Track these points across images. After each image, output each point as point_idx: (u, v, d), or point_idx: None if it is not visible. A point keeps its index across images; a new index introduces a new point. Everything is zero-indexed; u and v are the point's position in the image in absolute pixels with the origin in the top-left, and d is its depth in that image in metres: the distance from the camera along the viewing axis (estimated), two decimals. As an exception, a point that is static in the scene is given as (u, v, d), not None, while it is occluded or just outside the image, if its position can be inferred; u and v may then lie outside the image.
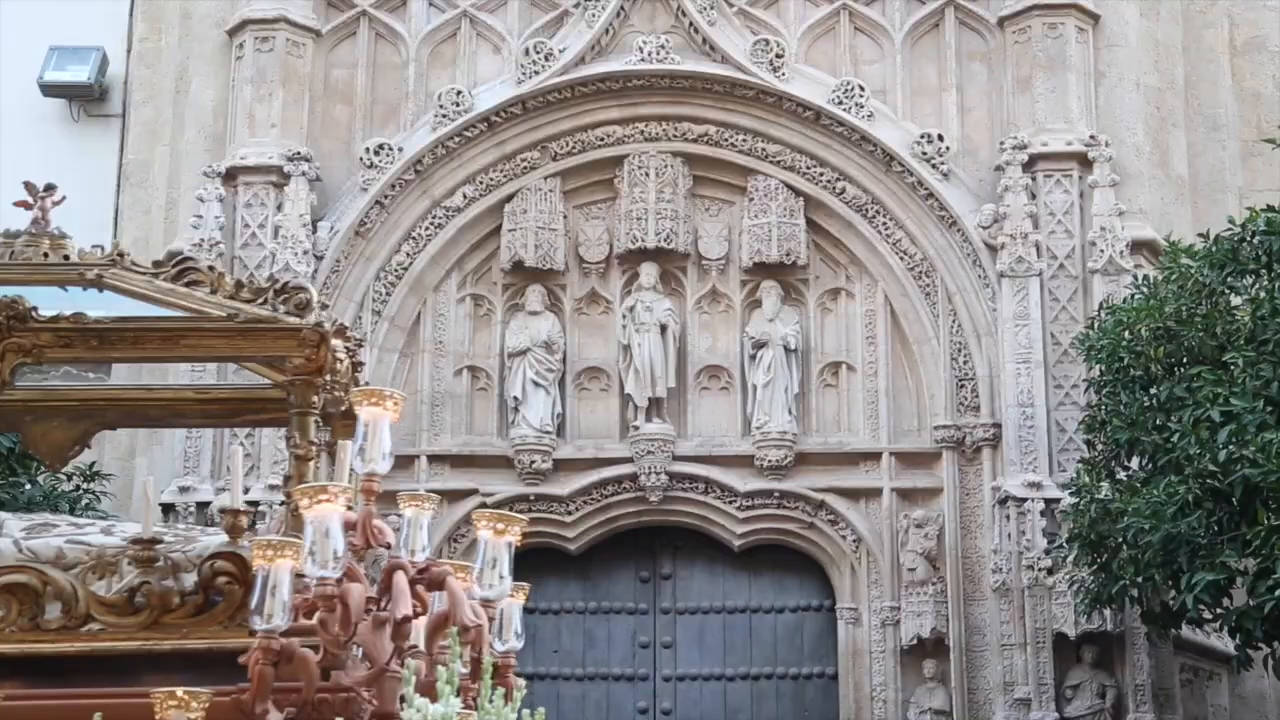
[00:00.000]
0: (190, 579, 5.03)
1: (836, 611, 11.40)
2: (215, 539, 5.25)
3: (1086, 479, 9.67)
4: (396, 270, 11.62)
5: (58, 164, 13.13)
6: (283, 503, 5.15)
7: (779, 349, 11.47)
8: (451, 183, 11.74)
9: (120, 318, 5.13)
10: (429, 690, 3.65)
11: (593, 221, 11.91)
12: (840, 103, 11.48)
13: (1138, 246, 11.02)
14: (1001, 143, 11.35)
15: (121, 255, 5.40)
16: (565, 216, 11.79)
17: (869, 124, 11.45)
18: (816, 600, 11.58)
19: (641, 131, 11.80)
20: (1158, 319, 9.20)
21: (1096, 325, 10.13)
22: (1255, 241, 9.00)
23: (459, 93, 11.67)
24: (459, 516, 11.07)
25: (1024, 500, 10.59)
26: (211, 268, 5.43)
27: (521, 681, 4.27)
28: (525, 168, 11.79)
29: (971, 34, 11.84)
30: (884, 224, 11.56)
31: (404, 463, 11.38)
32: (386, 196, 11.56)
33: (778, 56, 11.60)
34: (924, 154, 11.36)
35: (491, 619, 4.42)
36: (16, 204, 5.76)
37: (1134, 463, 9.53)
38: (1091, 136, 11.25)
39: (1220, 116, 12.18)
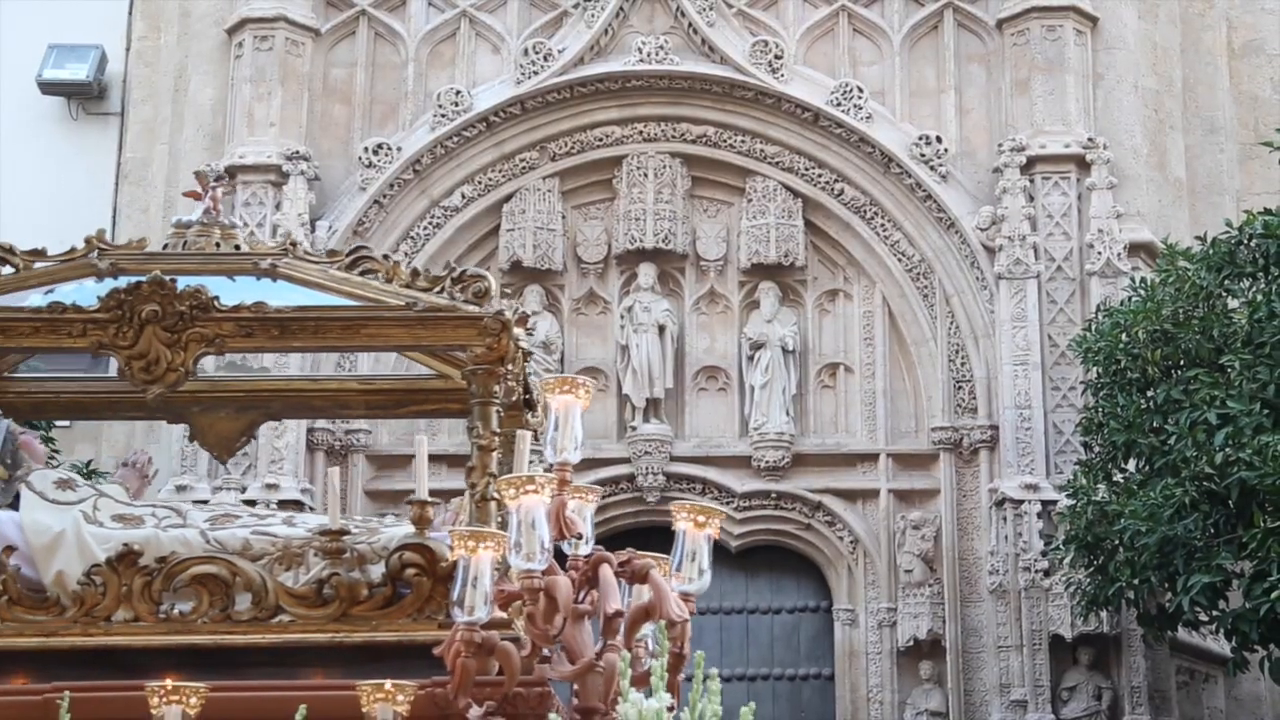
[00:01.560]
0: (376, 571, 5.00)
1: (833, 613, 11.40)
2: (398, 530, 5.22)
3: (1083, 481, 9.68)
4: (395, 270, 11.63)
5: (56, 162, 13.17)
6: (470, 492, 5.07)
7: (777, 350, 11.48)
8: (450, 182, 11.74)
9: (301, 307, 5.10)
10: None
11: (591, 222, 11.92)
12: (839, 104, 11.49)
13: (1135, 249, 11.04)
14: (1000, 145, 11.37)
15: (294, 245, 5.41)
16: (564, 217, 11.80)
17: (867, 125, 11.46)
18: (813, 601, 11.59)
19: (640, 132, 11.80)
20: (1155, 321, 9.22)
21: (1094, 327, 10.14)
22: (1252, 244, 9.01)
23: (458, 92, 11.67)
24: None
25: (1021, 502, 10.60)
26: (386, 256, 5.37)
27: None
28: (524, 168, 11.80)
29: (970, 36, 11.85)
30: (882, 225, 11.57)
31: (402, 462, 11.39)
32: (385, 196, 11.56)
33: (776, 58, 11.61)
34: (922, 156, 11.37)
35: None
36: (186, 194, 5.84)
37: (1131, 465, 9.54)
38: (1089, 139, 11.26)
39: (1218, 119, 12.19)
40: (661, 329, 11.56)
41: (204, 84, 11.96)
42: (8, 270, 5.21)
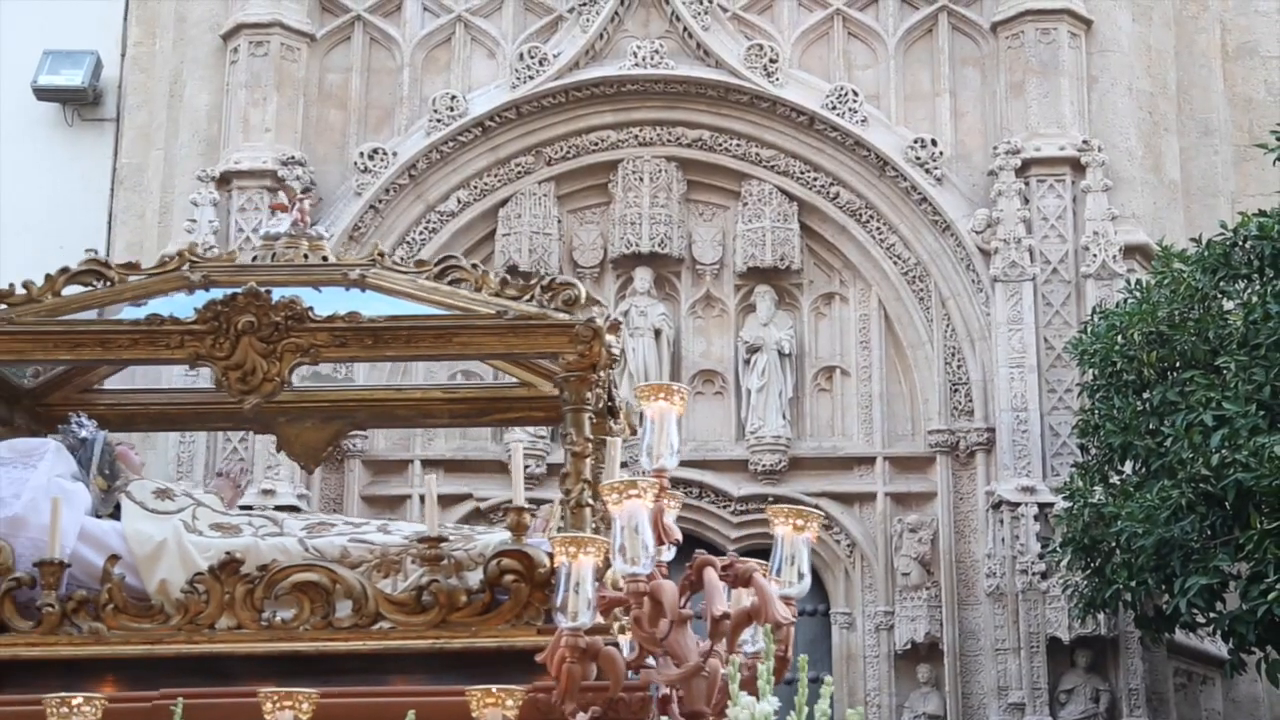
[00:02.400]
0: (473, 577, 5.04)
1: (830, 616, 11.40)
2: (494, 537, 5.27)
3: (1080, 483, 9.69)
4: (390, 275, 11.63)
5: (52, 168, 13.16)
6: (564, 498, 5.09)
7: (773, 353, 11.48)
8: (445, 187, 11.74)
9: (393, 316, 5.16)
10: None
11: (587, 226, 11.92)
12: (834, 108, 11.51)
13: (1130, 251, 11.05)
14: (995, 147, 11.38)
15: (381, 255, 5.46)
16: (559, 221, 11.80)
17: (863, 129, 11.47)
18: (810, 605, 11.58)
19: (636, 136, 11.81)
20: (1150, 323, 9.22)
21: (1089, 330, 10.15)
22: (1247, 246, 9.02)
23: (453, 97, 11.67)
24: (453, 522, 11.06)
25: (1018, 505, 10.61)
26: (475, 265, 5.42)
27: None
28: (519, 172, 11.80)
29: (965, 39, 11.87)
30: (878, 228, 11.58)
31: (398, 467, 11.38)
32: (380, 201, 11.56)
33: (771, 61, 11.62)
34: (917, 159, 11.39)
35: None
36: (273, 206, 5.87)
37: (1127, 467, 9.55)
38: (1084, 141, 11.27)
39: (1212, 121, 12.21)
40: (658, 333, 11.56)
41: (199, 89, 11.96)
42: (102, 284, 5.27)
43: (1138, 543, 8.76)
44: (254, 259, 5.48)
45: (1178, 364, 9.12)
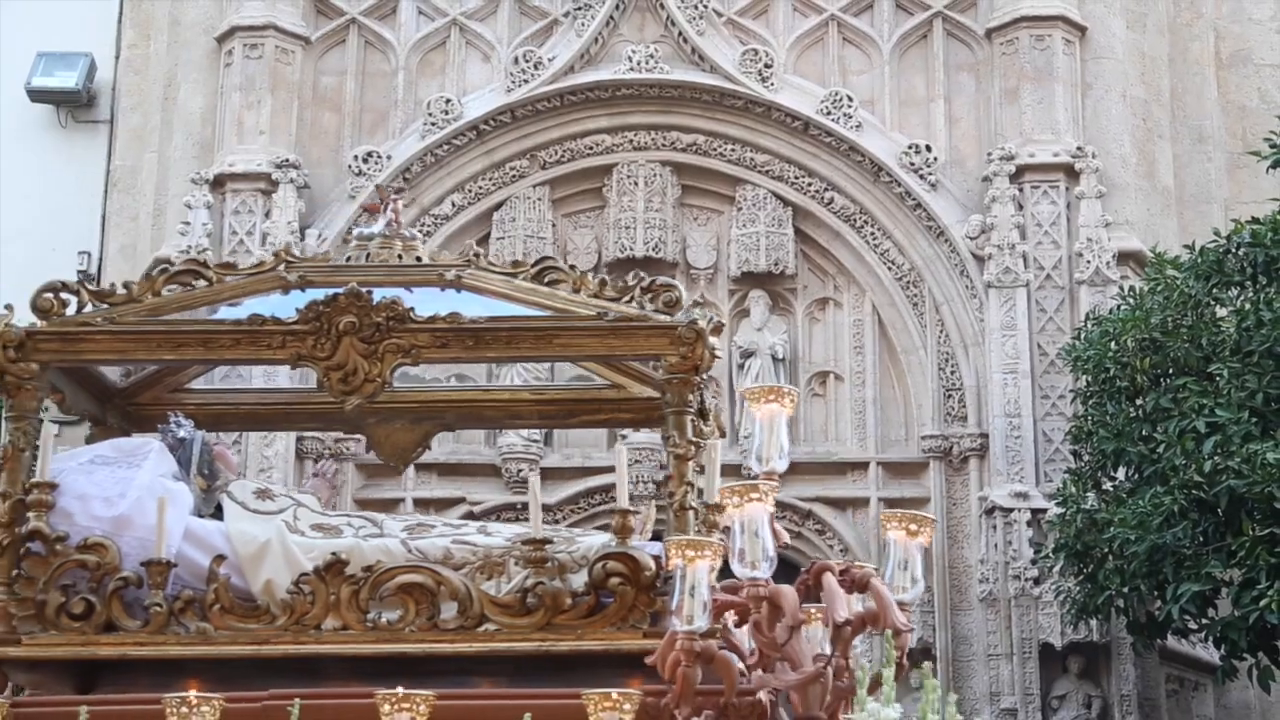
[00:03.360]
0: (577, 579, 5.04)
1: (823, 621, 11.39)
2: (596, 539, 5.28)
3: (1073, 489, 9.69)
4: (384, 278, 11.62)
5: (45, 170, 13.14)
6: (668, 501, 5.10)
7: (767, 358, 11.48)
8: (440, 191, 11.74)
9: (494, 317, 5.17)
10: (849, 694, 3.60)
11: (581, 230, 11.92)
12: (828, 113, 11.52)
13: (1124, 257, 11.06)
14: (989, 153, 11.39)
15: (477, 255, 5.45)
16: (554, 225, 11.80)
17: (857, 134, 11.48)
18: (803, 610, 11.58)
19: (630, 140, 11.81)
20: (1144, 330, 9.24)
21: (1083, 336, 10.16)
22: (1240, 253, 9.04)
23: (448, 101, 11.67)
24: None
25: (1010, 510, 10.61)
26: (573, 266, 5.44)
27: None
28: (514, 176, 11.80)
29: (959, 45, 11.88)
30: (872, 234, 11.58)
31: (390, 471, 11.35)
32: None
33: (766, 66, 11.63)
34: (912, 164, 11.40)
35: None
36: (365, 207, 5.85)
37: (1120, 473, 9.55)
38: (1078, 148, 11.29)
39: (1206, 128, 12.24)
40: (651, 337, 11.55)
41: (193, 92, 11.95)
42: (201, 284, 5.29)
43: (1130, 549, 8.76)
44: (348, 259, 5.48)
45: (1171, 370, 9.13)
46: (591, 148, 11.84)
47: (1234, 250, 9.06)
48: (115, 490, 5.18)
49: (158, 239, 11.92)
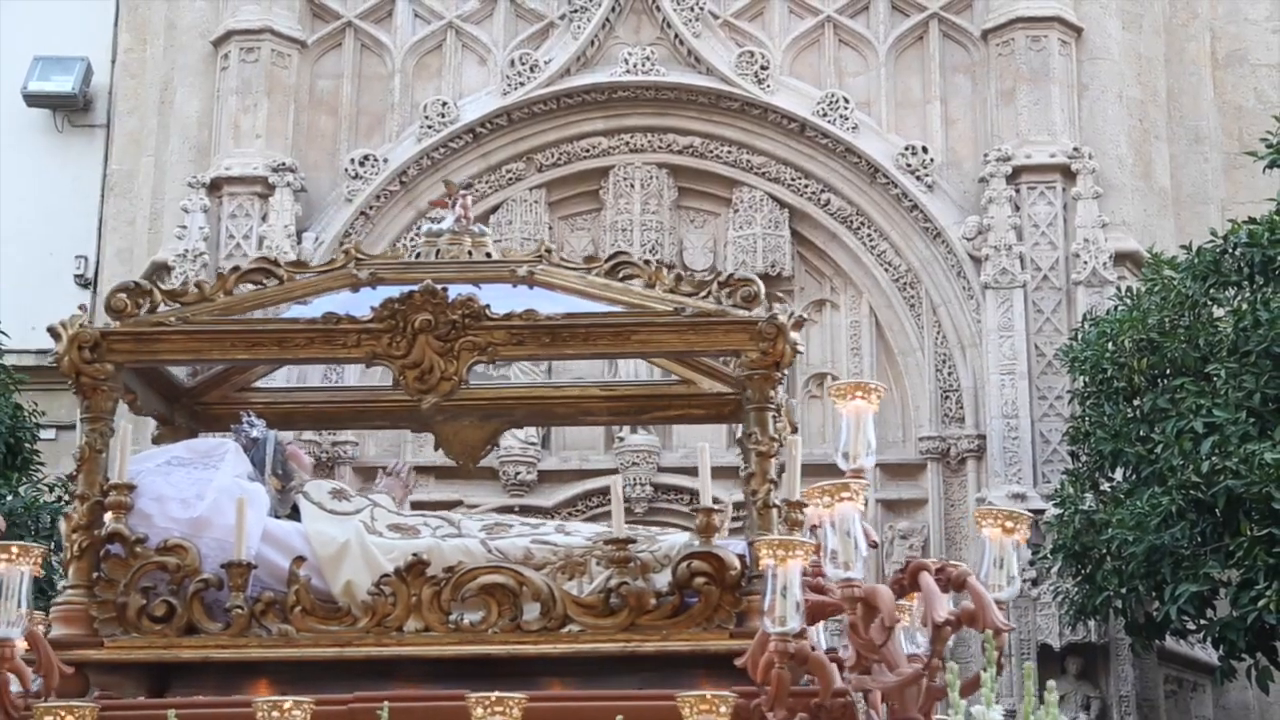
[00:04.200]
0: (660, 579, 4.97)
1: (822, 623, 11.39)
2: (678, 538, 5.22)
3: (1070, 490, 9.69)
4: (381, 281, 11.61)
5: (42, 174, 13.14)
6: (750, 499, 5.05)
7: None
8: (436, 193, 11.71)
9: (571, 314, 5.11)
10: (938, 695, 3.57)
11: (578, 233, 11.92)
12: (825, 115, 11.52)
13: (1121, 258, 11.06)
14: (985, 155, 11.39)
15: (549, 251, 5.40)
16: (550, 227, 11.79)
17: (853, 136, 11.48)
18: (802, 612, 11.58)
19: (627, 143, 11.81)
20: (1141, 330, 9.24)
21: (1080, 337, 10.16)
22: (1237, 253, 9.04)
23: (444, 104, 11.67)
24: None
25: (1008, 511, 10.60)
26: (648, 261, 5.39)
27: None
28: (510, 179, 11.80)
29: (955, 46, 11.89)
30: (868, 236, 11.58)
31: (379, 472, 11.34)
32: (371, 207, 11.55)
33: (762, 68, 11.64)
34: (908, 166, 11.40)
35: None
36: (432, 203, 5.84)
37: (1118, 474, 9.55)
38: (1075, 149, 11.29)
39: (1202, 129, 12.24)
40: (649, 339, 11.55)
41: (190, 96, 11.94)
42: (271, 282, 5.25)
43: (1128, 550, 8.76)
44: (417, 256, 5.44)
45: (1168, 371, 9.13)
46: (588, 150, 11.84)
47: (1231, 250, 9.07)
48: (192, 492, 5.14)
49: (155, 243, 11.91)
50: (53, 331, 5.12)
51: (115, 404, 5.17)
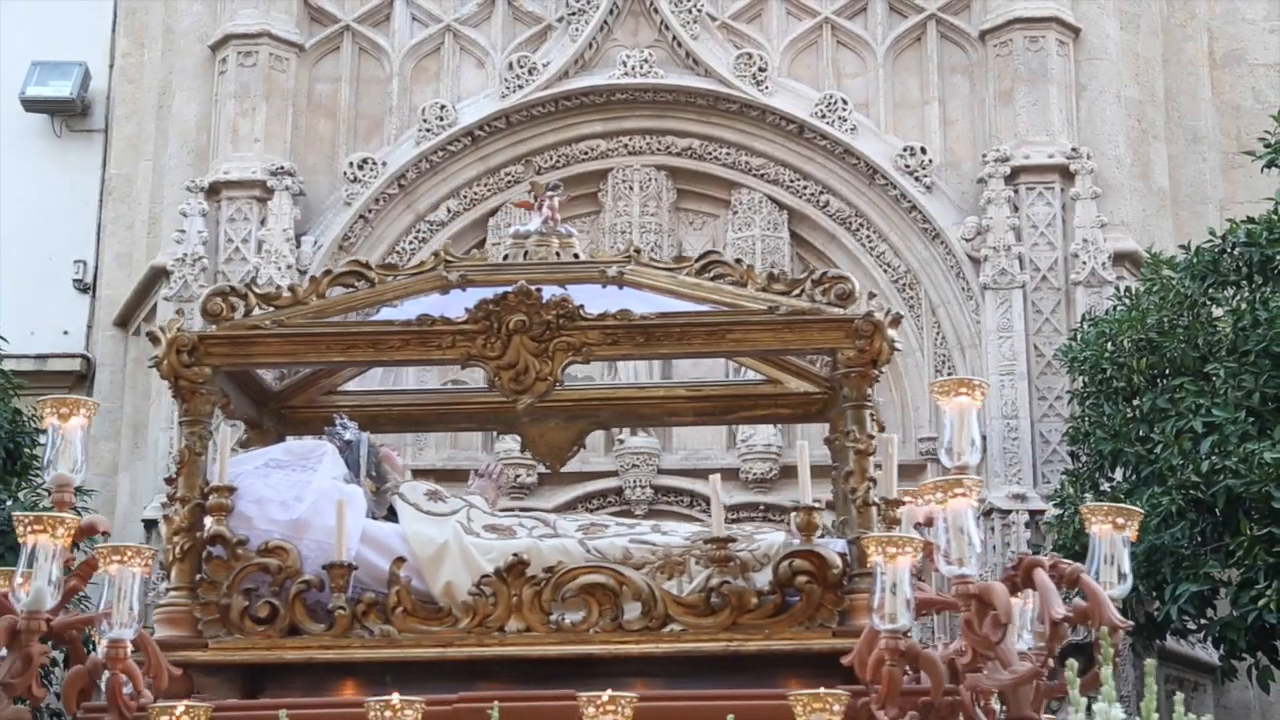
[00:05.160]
0: (760, 578, 4.97)
1: (822, 624, 11.38)
2: (776, 537, 5.23)
3: (1070, 490, 9.69)
4: (380, 284, 11.61)
5: (40, 179, 13.14)
6: (849, 497, 5.07)
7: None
8: (435, 197, 11.74)
9: (665, 313, 5.13)
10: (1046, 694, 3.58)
11: (577, 235, 11.90)
12: (823, 116, 11.52)
13: (1119, 258, 11.07)
14: (984, 155, 11.40)
15: (638, 251, 5.44)
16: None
17: (852, 137, 11.49)
18: (802, 613, 11.57)
19: (625, 145, 11.81)
20: (1140, 330, 9.24)
21: (1079, 337, 10.16)
22: (1236, 253, 9.04)
23: (442, 107, 11.67)
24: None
25: (1009, 512, 10.60)
26: (739, 260, 5.40)
27: None
28: (509, 181, 11.80)
29: (953, 47, 11.89)
30: (867, 237, 11.59)
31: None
32: (370, 211, 11.55)
33: (760, 70, 11.64)
34: (907, 167, 11.40)
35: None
36: (517, 204, 5.87)
37: (1117, 474, 9.55)
38: (1073, 149, 11.29)
39: (1201, 129, 12.25)
40: (648, 342, 11.54)
41: (188, 100, 11.94)
42: (363, 285, 5.27)
43: (1130, 549, 8.74)
44: (505, 257, 5.46)
45: (1167, 371, 9.13)
46: (586, 153, 11.84)
47: (1229, 250, 9.07)
48: (291, 494, 5.16)
49: (153, 247, 11.91)
50: (152, 336, 5.19)
51: (213, 407, 5.20)
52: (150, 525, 10.50)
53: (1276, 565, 8.10)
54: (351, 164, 11.56)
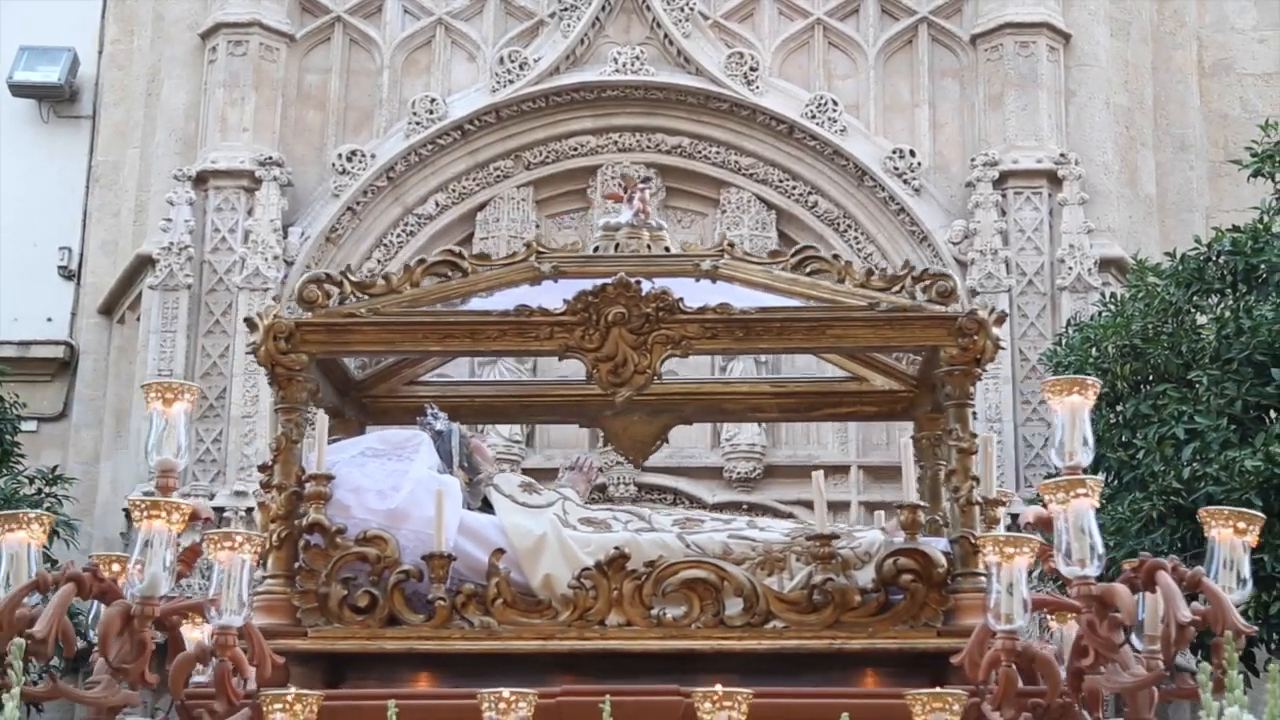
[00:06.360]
0: (862, 576, 4.93)
1: (803, 624, 11.40)
2: (875, 535, 5.19)
3: (1053, 495, 9.70)
4: (367, 277, 11.59)
5: (27, 165, 13.08)
6: (952, 496, 5.01)
7: (749, 361, 11.48)
8: (424, 190, 11.71)
9: (765, 308, 5.08)
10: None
11: (565, 231, 11.90)
12: (813, 117, 11.53)
13: (1106, 264, 11.11)
14: (972, 159, 11.43)
15: (731, 245, 5.35)
16: (538, 225, 11.78)
17: (841, 138, 11.50)
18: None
19: (615, 142, 11.81)
20: (1124, 336, 9.26)
21: (1064, 342, 10.18)
22: (1221, 261, 9.07)
23: (433, 100, 11.65)
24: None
25: (991, 515, 10.62)
26: (836, 256, 5.34)
27: None
28: (498, 176, 11.79)
29: (944, 51, 11.92)
30: (855, 238, 11.60)
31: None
32: (358, 203, 11.52)
33: (752, 70, 11.65)
34: (896, 169, 11.42)
35: None
36: (606, 196, 5.82)
37: (1099, 479, 9.58)
38: (1061, 154, 11.33)
39: (1188, 137, 12.30)
40: (634, 339, 11.54)
41: (177, 88, 11.90)
42: (456, 275, 5.26)
43: (1109, 555, 8.78)
44: (595, 250, 5.42)
45: (1151, 377, 9.15)
46: (576, 149, 11.83)
47: (1214, 258, 9.10)
48: (388, 483, 5.12)
49: (139, 235, 11.87)
50: (249, 322, 5.17)
51: (308, 395, 5.16)
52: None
53: (1256, 572, 8.12)
54: (340, 156, 11.53)
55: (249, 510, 9.97)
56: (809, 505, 11.46)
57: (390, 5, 12.03)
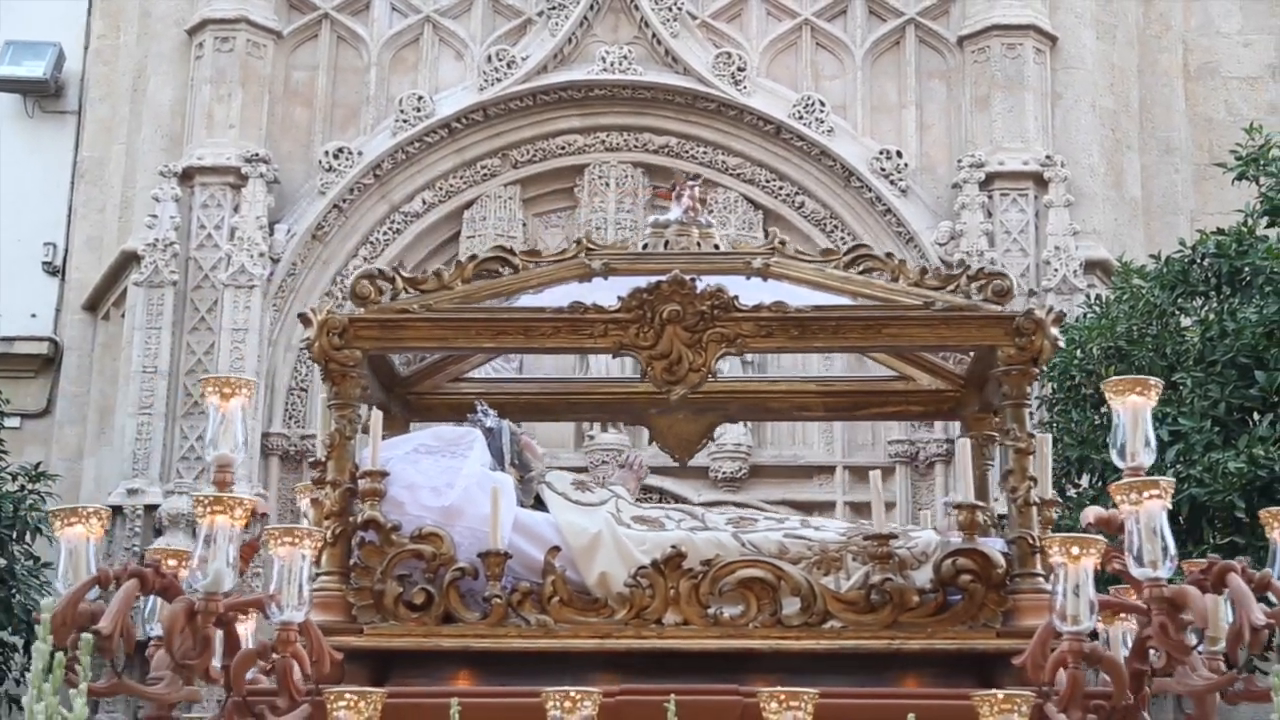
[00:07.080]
0: (919, 576, 4.89)
1: (788, 624, 11.41)
2: (931, 535, 5.14)
3: (1037, 496, 9.73)
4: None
5: (11, 160, 13.02)
6: (1009, 496, 4.94)
7: (735, 361, 11.48)
8: (410, 188, 11.70)
9: (821, 307, 5.03)
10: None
11: (552, 230, 11.90)
12: (800, 117, 11.55)
13: (1091, 266, 11.14)
14: (959, 161, 11.46)
15: (783, 243, 5.30)
16: (524, 224, 11.78)
17: (829, 139, 11.52)
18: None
19: (602, 141, 11.81)
20: (1109, 338, 9.29)
21: (1049, 343, 10.21)
22: (1205, 264, 9.11)
23: (420, 98, 11.63)
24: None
25: (975, 516, 10.65)
26: (890, 254, 5.29)
27: None
28: (485, 175, 11.78)
29: (931, 52, 11.95)
30: (842, 238, 11.61)
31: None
32: (345, 200, 11.50)
33: (739, 70, 11.66)
34: (882, 170, 11.45)
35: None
36: (657, 193, 5.74)
37: (1084, 480, 9.61)
38: (1047, 157, 11.37)
39: (1173, 140, 12.35)
40: (621, 338, 11.54)
41: (163, 84, 11.86)
42: (507, 271, 5.21)
43: (1093, 555, 8.81)
44: (645, 247, 5.38)
45: (1135, 379, 9.18)
46: (563, 148, 11.83)
47: (1199, 261, 9.13)
48: (442, 480, 5.09)
49: (124, 231, 11.82)
50: (303, 318, 5.12)
51: (362, 391, 5.13)
52: (115, 511, 10.42)
53: None
54: (327, 153, 11.51)
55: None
56: (795, 505, 11.53)
57: (378, 2, 12.01)
